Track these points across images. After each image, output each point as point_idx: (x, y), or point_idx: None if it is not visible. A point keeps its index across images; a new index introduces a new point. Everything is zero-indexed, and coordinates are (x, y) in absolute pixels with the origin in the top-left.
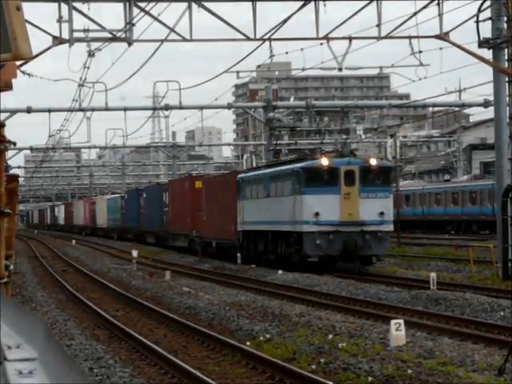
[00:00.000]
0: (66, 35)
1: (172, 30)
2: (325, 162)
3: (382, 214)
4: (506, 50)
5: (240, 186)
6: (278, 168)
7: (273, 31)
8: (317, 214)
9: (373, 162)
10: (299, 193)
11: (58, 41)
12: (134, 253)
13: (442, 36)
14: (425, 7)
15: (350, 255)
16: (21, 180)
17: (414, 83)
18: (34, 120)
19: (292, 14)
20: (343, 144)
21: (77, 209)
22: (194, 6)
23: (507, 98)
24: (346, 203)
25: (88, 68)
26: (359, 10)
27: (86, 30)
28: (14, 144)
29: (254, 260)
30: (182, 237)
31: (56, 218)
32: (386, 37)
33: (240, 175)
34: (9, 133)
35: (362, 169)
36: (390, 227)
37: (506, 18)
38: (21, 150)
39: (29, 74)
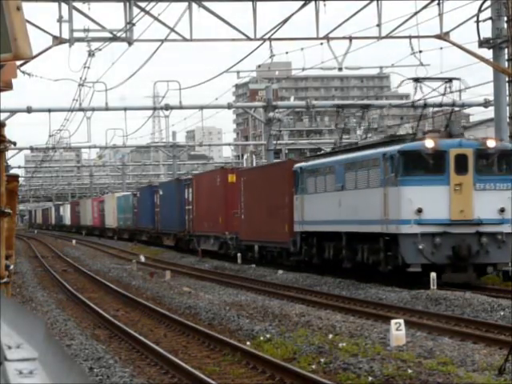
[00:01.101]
0: (66, 35)
1: (172, 29)
2: (429, 143)
3: (502, 210)
4: (506, 50)
5: (299, 178)
6: (359, 153)
7: (273, 31)
8: (419, 211)
9: (491, 143)
10: (395, 184)
11: (58, 41)
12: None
13: (443, 36)
14: (425, 7)
15: (461, 263)
16: (21, 180)
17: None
18: (34, 120)
19: (292, 14)
20: (449, 120)
21: (84, 208)
22: (194, 5)
23: (507, 98)
24: (456, 197)
25: (88, 68)
26: (359, 10)
27: (86, 30)
28: (14, 144)
29: (319, 269)
30: (211, 239)
31: (61, 218)
32: (387, 37)
33: (298, 164)
34: (9, 132)
35: (477, 152)
36: None
37: (506, 18)
38: (21, 149)
39: (29, 74)
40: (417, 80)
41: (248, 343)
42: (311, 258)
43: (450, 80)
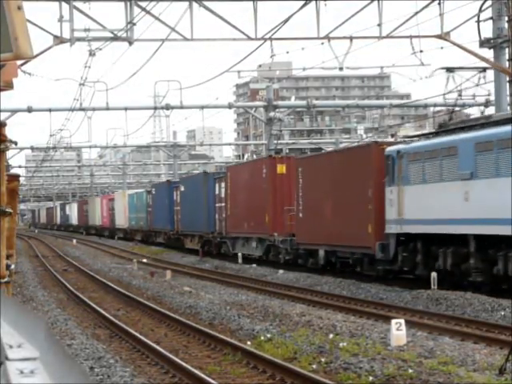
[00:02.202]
0: (66, 35)
1: (173, 29)
2: None
3: None
4: (506, 50)
5: (395, 164)
6: (501, 129)
7: (274, 31)
8: None
9: None
10: None
11: (58, 40)
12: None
13: (443, 36)
14: (426, 7)
15: None
16: (22, 179)
17: (414, 83)
18: (34, 119)
19: (293, 14)
20: None
21: (92, 207)
22: (195, 5)
23: (508, 98)
24: None
25: (89, 67)
26: (360, 10)
27: (86, 30)
28: (15, 143)
29: (427, 281)
30: (253, 241)
31: (67, 218)
32: (387, 36)
33: (393, 147)
34: (10, 132)
35: None
36: None
37: (506, 18)
38: (22, 149)
39: (30, 74)
40: (449, 70)
41: (249, 343)
42: (413, 267)
43: (484, 70)
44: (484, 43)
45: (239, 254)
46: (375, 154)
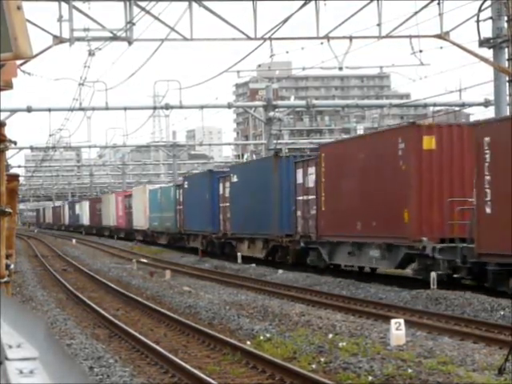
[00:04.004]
0: (66, 34)
1: (172, 29)
2: None
3: None
4: (506, 50)
5: None
6: None
7: (273, 31)
8: None
9: None
10: None
11: (58, 40)
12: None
13: (443, 35)
14: (425, 7)
15: None
16: (21, 179)
17: (414, 82)
18: (34, 119)
19: (292, 14)
20: None
21: (106, 205)
22: (195, 5)
23: (508, 98)
24: None
25: (88, 67)
26: (359, 10)
27: (86, 30)
28: (15, 143)
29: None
30: (376, 249)
31: (78, 218)
32: (387, 36)
33: None
34: (9, 132)
35: None
36: None
37: (506, 18)
38: (21, 149)
39: (29, 73)
40: None
41: (248, 343)
42: None
43: None
44: (483, 43)
45: (238, 254)
46: None
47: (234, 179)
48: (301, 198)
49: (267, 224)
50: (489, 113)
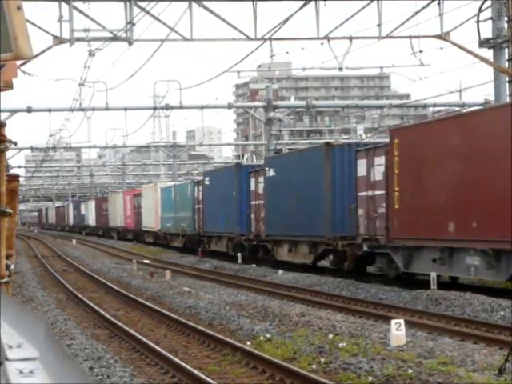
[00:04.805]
0: (66, 35)
1: (172, 29)
2: None
3: None
4: (506, 50)
5: None
6: None
7: (273, 31)
8: None
9: None
10: None
11: (58, 40)
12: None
13: (443, 36)
14: (425, 7)
15: None
16: (21, 180)
17: (414, 83)
18: (34, 120)
19: (292, 14)
20: None
21: (113, 205)
22: (195, 5)
23: (508, 98)
24: None
25: (88, 68)
26: (360, 10)
27: (86, 30)
28: (15, 144)
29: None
30: (472, 254)
31: (83, 218)
32: (387, 36)
33: None
34: (9, 132)
35: None
36: None
37: (506, 18)
38: (21, 149)
39: (29, 74)
40: None
41: (248, 343)
42: None
43: None
44: (483, 43)
45: (238, 255)
46: None
47: (271, 173)
48: (364, 193)
49: (315, 224)
50: None
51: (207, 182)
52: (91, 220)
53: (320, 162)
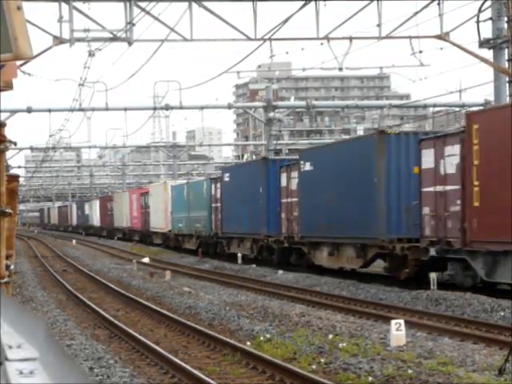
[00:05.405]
0: (66, 35)
1: (172, 29)
2: None
3: None
4: (506, 50)
5: None
6: None
7: (273, 31)
8: None
9: None
10: None
11: (58, 41)
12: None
13: (443, 36)
14: (425, 7)
15: None
16: (21, 180)
17: (414, 83)
18: (34, 120)
19: (292, 14)
20: None
21: (119, 204)
22: (195, 5)
23: (508, 98)
24: None
25: (88, 68)
26: (359, 10)
27: (86, 30)
28: (15, 144)
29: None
30: None
31: (87, 218)
32: (387, 37)
33: None
34: (9, 132)
35: None
36: None
37: (506, 18)
38: (21, 149)
39: (29, 74)
40: None
41: (248, 343)
42: None
43: None
44: (483, 43)
45: (238, 255)
46: None
47: (307, 167)
48: (430, 189)
49: (365, 224)
50: None
51: (227, 179)
52: (95, 220)
53: (372, 153)
